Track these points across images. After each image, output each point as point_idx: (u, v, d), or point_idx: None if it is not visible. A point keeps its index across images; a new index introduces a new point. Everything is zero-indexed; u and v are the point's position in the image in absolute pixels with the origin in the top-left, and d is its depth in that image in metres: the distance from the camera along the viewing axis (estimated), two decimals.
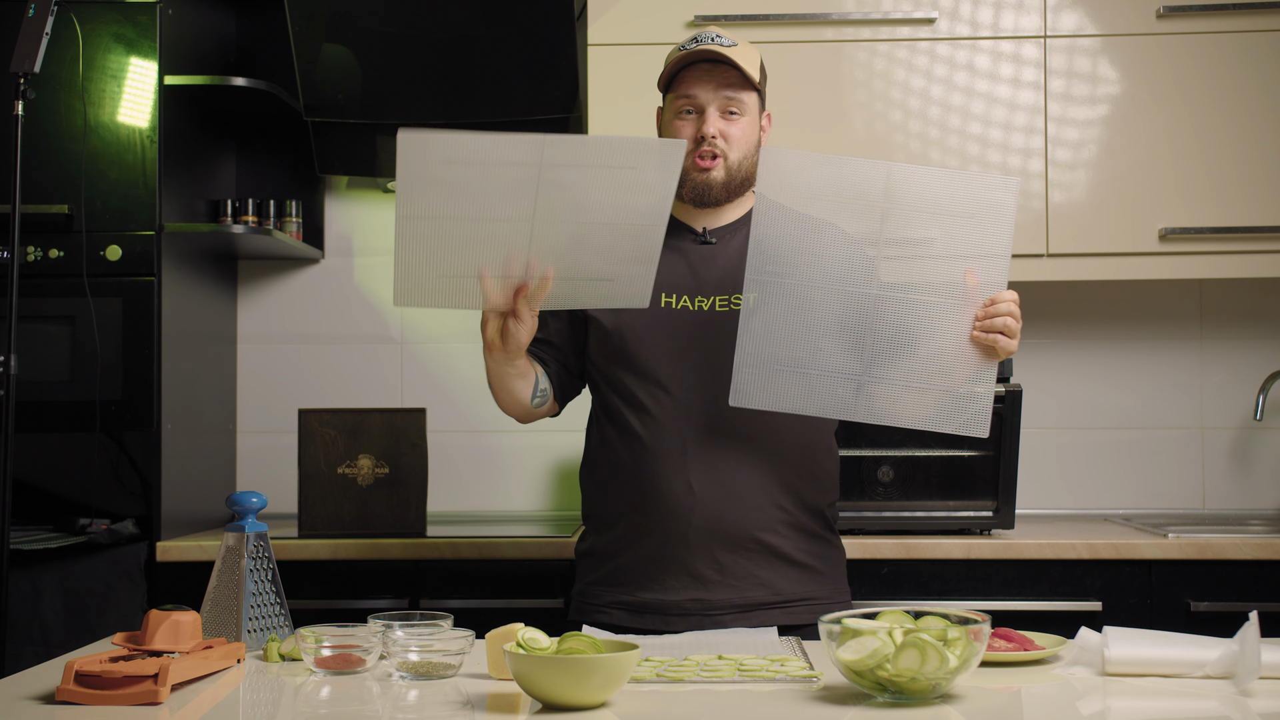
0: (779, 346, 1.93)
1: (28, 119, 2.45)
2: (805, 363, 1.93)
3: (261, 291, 3.38)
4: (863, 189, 1.91)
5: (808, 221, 1.92)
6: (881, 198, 1.90)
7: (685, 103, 2.06)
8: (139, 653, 1.65)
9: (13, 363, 2.43)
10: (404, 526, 2.87)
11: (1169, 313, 3.29)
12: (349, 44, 3.07)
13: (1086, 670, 1.70)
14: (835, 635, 1.54)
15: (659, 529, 2.05)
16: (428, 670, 1.66)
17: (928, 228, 1.90)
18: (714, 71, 2.04)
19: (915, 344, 1.92)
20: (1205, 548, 2.68)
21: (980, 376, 1.94)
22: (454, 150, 1.72)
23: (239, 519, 1.88)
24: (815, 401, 1.94)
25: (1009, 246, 1.93)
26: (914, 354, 1.92)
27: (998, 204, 1.91)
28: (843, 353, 1.92)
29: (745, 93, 2.06)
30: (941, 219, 1.90)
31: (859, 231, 1.91)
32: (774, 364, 1.93)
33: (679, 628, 2.02)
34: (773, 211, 1.92)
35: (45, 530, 2.83)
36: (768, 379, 1.93)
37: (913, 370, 1.92)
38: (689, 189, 2.07)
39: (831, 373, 1.93)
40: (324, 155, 3.23)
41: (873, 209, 1.91)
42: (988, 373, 1.94)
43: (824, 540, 2.13)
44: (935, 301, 1.92)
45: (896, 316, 1.92)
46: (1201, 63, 2.94)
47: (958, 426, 1.95)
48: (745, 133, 2.07)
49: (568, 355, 2.17)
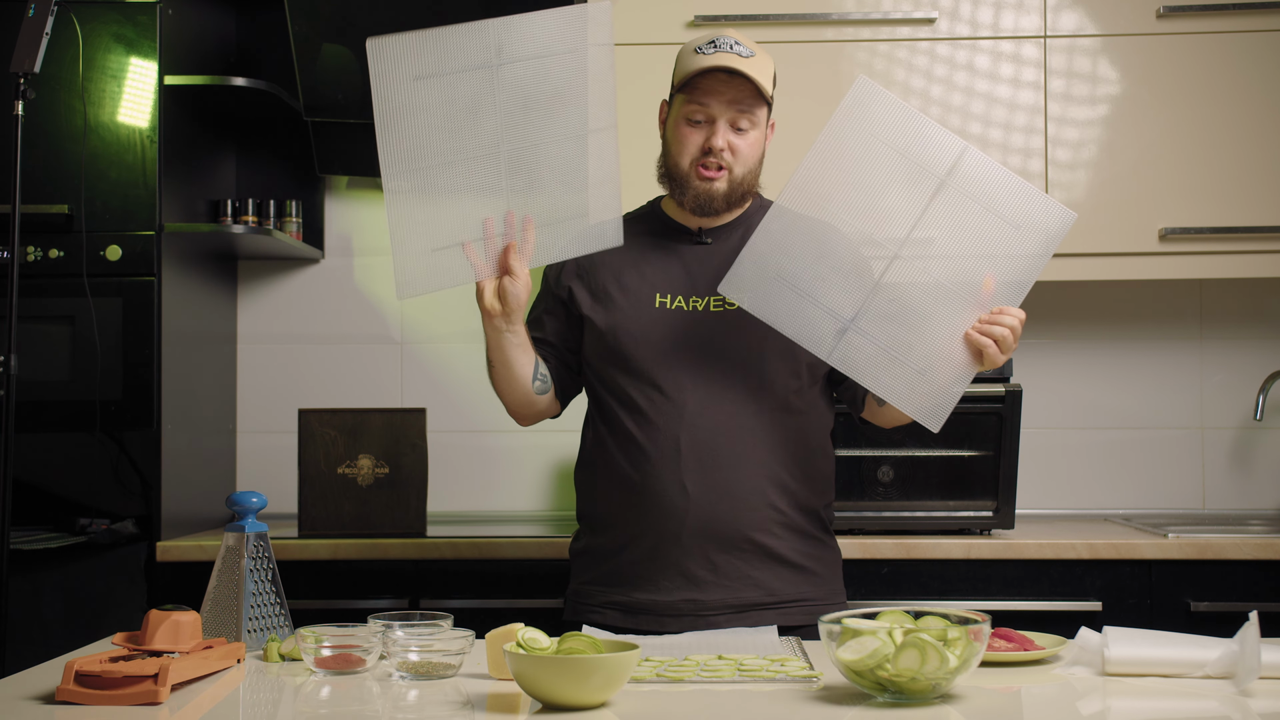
0: (788, 259, 1.94)
1: (28, 119, 2.46)
2: (804, 286, 1.93)
3: (261, 291, 3.38)
4: (934, 155, 1.91)
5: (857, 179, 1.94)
6: (946, 171, 1.91)
7: (697, 110, 2.04)
8: (139, 653, 1.65)
9: (13, 363, 2.43)
10: (404, 526, 2.87)
11: (1169, 313, 3.29)
12: (349, 44, 3.07)
13: (1086, 670, 1.70)
14: (835, 635, 1.54)
15: (652, 529, 2.05)
16: (428, 670, 1.66)
17: (975, 218, 1.90)
18: (730, 83, 2.02)
19: (913, 318, 1.92)
20: (1205, 548, 2.68)
21: (959, 376, 1.93)
22: (419, 60, 1.83)
23: (239, 519, 1.88)
24: (795, 325, 1.94)
25: (1037, 274, 1.92)
26: (907, 327, 1.93)
27: (1047, 229, 1.91)
28: (843, 293, 1.93)
29: (758, 107, 2.05)
30: (990, 217, 1.90)
31: (910, 194, 1.91)
32: (776, 273, 1.94)
33: (673, 628, 2.02)
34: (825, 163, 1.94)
35: (45, 531, 2.83)
36: (764, 283, 1.94)
37: (899, 340, 1.93)
38: (690, 198, 2.07)
39: (823, 306, 1.93)
40: (324, 155, 3.23)
41: (932, 177, 1.91)
42: (966, 375, 1.94)
43: (819, 541, 2.13)
44: (949, 290, 1.92)
45: (907, 285, 1.92)
46: (1201, 63, 2.94)
47: (915, 410, 1.94)
48: (753, 147, 2.06)
49: (565, 353, 2.17)
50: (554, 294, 2.16)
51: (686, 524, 2.03)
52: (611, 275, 2.11)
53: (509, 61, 1.86)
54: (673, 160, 2.08)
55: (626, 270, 2.11)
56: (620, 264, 2.11)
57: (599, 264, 2.12)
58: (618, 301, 2.09)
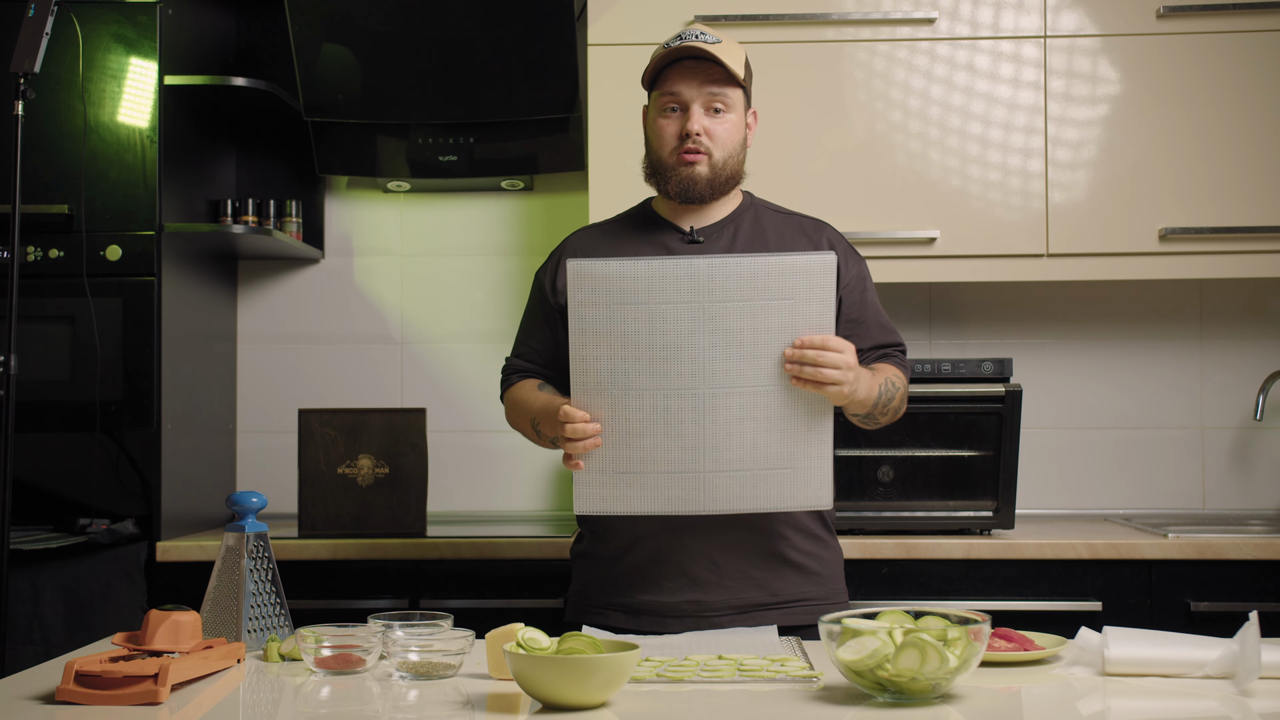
0: (617, 451, 1.87)
1: (28, 119, 2.45)
2: (645, 466, 1.88)
3: (261, 291, 3.39)
4: (680, 285, 1.83)
5: (627, 307, 1.84)
6: (702, 291, 1.82)
7: (670, 100, 2.06)
8: (139, 653, 1.65)
9: (13, 363, 2.43)
10: (404, 526, 2.87)
11: (1169, 313, 3.29)
12: (349, 44, 3.07)
13: (1086, 670, 1.70)
14: (835, 635, 1.54)
15: (655, 532, 2.04)
16: (428, 670, 1.66)
17: (742, 317, 1.83)
18: (698, 68, 2.04)
19: (737, 432, 1.86)
20: (1205, 548, 2.68)
21: (805, 451, 1.88)
22: (618, 282, 1.77)
23: (239, 519, 1.88)
24: (660, 502, 1.89)
25: (832, 318, 1.86)
26: (739, 441, 1.87)
27: (814, 281, 1.84)
28: (680, 451, 1.87)
29: (730, 89, 2.05)
30: (755, 304, 1.83)
31: (680, 325, 1.83)
32: (614, 470, 1.88)
33: (676, 629, 2.02)
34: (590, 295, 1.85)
35: (45, 530, 2.83)
36: (610, 486, 1.89)
37: (740, 458, 1.87)
38: (674, 185, 2.07)
39: (671, 472, 1.88)
40: (324, 155, 3.23)
41: (693, 302, 1.83)
42: (814, 443, 1.88)
43: (821, 540, 2.13)
44: (751, 388, 1.85)
45: (718, 407, 1.85)
46: (1201, 63, 2.94)
47: (800, 503, 1.90)
48: (730, 131, 2.07)
49: (551, 358, 2.17)
50: (550, 302, 2.16)
51: (688, 524, 2.02)
52: None
53: (715, 301, 1.80)
54: (655, 154, 2.09)
55: None
56: None
57: None
58: None
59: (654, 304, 1.82)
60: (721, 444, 1.86)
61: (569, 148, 3.21)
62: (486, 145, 3.20)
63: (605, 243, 2.16)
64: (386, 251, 3.39)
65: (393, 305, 3.38)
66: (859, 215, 2.92)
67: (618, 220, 2.23)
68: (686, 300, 1.80)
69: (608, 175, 2.94)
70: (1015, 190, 2.94)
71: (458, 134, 3.19)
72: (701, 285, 1.82)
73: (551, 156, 3.23)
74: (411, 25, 3.03)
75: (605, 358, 1.84)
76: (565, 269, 2.12)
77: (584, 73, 3.11)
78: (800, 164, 2.96)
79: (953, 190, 2.95)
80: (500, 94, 3.10)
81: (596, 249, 2.15)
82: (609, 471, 1.87)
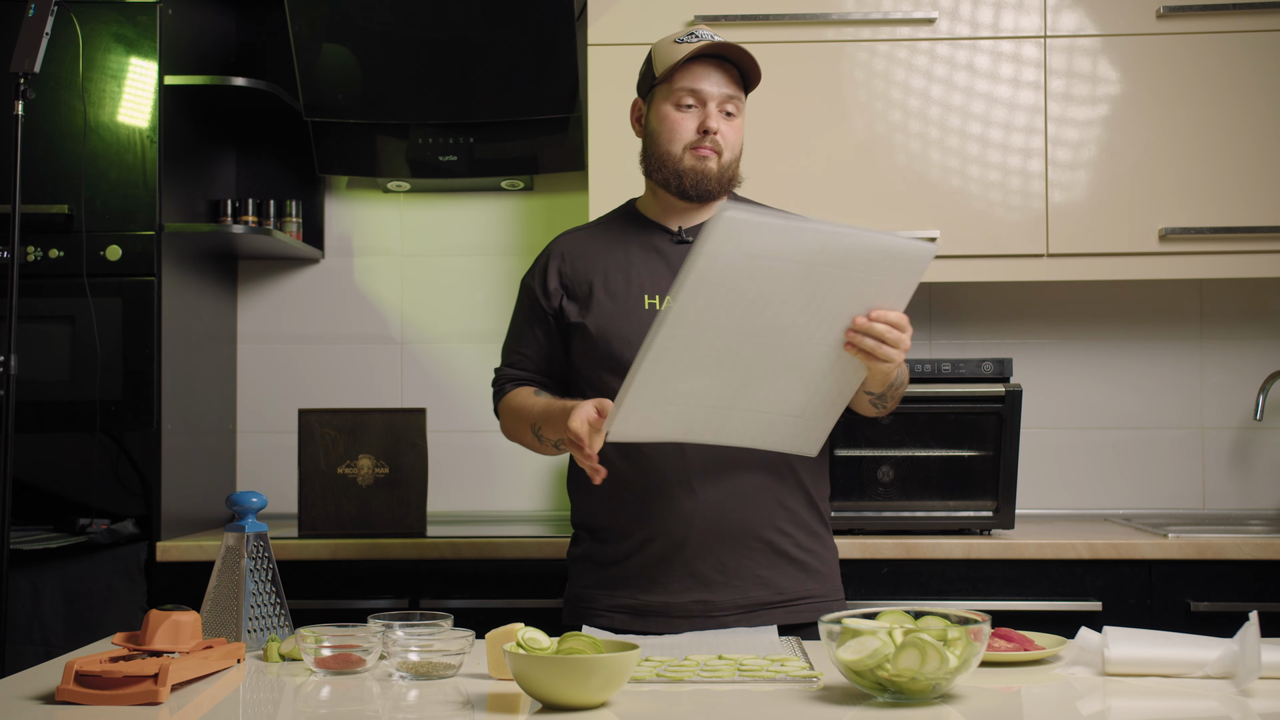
0: (673, 383, 1.85)
1: (28, 119, 2.45)
2: (687, 398, 1.85)
3: (261, 291, 3.39)
4: (806, 247, 1.79)
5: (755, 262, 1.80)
6: (816, 253, 1.79)
7: (689, 95, 2.05)
8: (139, 653, 1.65)
9: (13, 363, 2.43)
10: (404, 526, 2.87)
11: (1169, 313, 3.30)
12: (349, 44, 3.07)
13: (1086, 670, 1.70)
14: (835, 635, 1.54)
15: (661, 532, 2.04)
16: (428, 670, 1.66)
17: (835, 282, 1.81)
18: (720, 68, 2.05)
19: (776, 379, 1.85)
20: (1205, 548, 2.68)
21: (821, 409, 1.90)
22: (765, 235, 1.73)
23: (239, 519, 1.88)
24: (682, 430, 1.88)
25: (904, 304, 1.87)
26: (773, 386, 1.86)
27: (911, 269, 1.85)
28: (722, 387, 1.84)
29: (741, 94, 2.09)
30: (853, 273, 1.81)
31: (785, 281, 1.80)
32: (662, 400, 1.86)
33: (682, 629, 2.02)
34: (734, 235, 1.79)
35: (45, 530, 2.83)
36: (652, 412, 1.86)
37: (768, 402, 1.87)
38: (689, 177, 2.06)
39: (706, 405, 1.86)
40: (324, 155, 3.23)
41: (805, 262, 1.79)
42: (833, 404, 1.90)
43: (819, 537, 2.13)
44: (809, 344, 1.84)
45: (775, 355, 1.84)
46: (1201, 63, 2.94)
47: (791, 448, 1.93)
48: (738, 135, 2.09)
49: (552, 364, 2.17)
50: (541, 306, 2.16)
51: (695, 525, 2.02)
52: (598, 280, 2.11)
53: (823, 265, 1.78)
54: (662, 149, 2.07)
55: (613, 274, 2.11)
56: (606, 268, 2.11)
57: (582, 270, 2.13)
58: (606, 306, 2.09)
59: (776, 259, 1.78)
60: (757, 386, 1.86)
61: (569, 148, 3.21)
62: (486, 145, 3.20)
63: (594, 244, 2.16)
64: (386, 251, 3.39)
65: (393, 305, 3.38)
66: (859, 215, 2.92)
67: (604, 222, 2.22)
68: (801, 260, 1.78)
69: (608, 175, 2.94)
70: (1015, 190, 2.94)
71: (458, 134, 3.19)
72: (824, 250, 1.79)
73: (551, 156, 3.23)
74: (411, 25, 3.03)
75: (704, 305, 1.78)
76: (560, 270, 2.12)
77: (584, 73, 3.11)
78: (800, 164, 2.96)
79: (953, 190, 2.95)
80: (500, 94, 3.10)
81: (586, 250, 2.15)
82: (657, 401, 1.85)
